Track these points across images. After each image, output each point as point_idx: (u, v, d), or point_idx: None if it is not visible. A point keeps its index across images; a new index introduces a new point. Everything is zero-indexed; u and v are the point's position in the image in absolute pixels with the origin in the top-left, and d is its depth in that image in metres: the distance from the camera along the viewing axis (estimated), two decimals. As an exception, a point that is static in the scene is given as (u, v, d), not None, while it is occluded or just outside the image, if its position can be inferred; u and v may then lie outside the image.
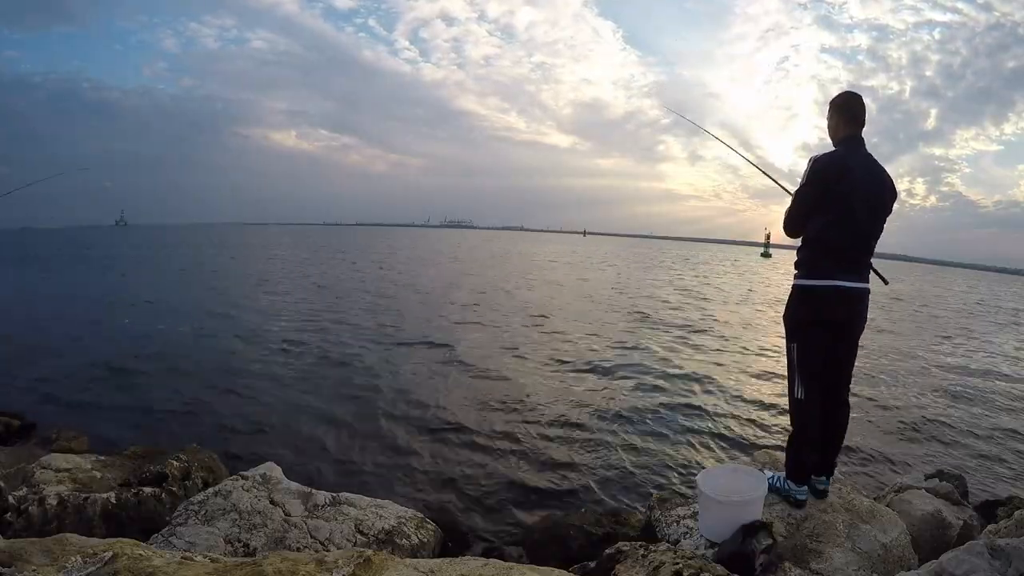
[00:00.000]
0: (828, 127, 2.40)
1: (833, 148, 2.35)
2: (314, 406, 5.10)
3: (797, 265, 2.34)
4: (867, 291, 2.30)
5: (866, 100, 2.35)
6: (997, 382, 7.56)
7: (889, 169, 2.33)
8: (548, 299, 14.00)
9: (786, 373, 2.39)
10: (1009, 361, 9.37)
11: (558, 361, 7.20)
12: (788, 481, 2.33)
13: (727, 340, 9.37)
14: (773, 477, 2.39)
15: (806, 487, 2.32)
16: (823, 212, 2.23)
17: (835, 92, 2.43)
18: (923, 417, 5.65)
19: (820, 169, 2.23)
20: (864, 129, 2.33)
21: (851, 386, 2.44)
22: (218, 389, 5.51)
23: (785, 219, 2.39)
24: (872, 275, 2.41)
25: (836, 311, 2.24)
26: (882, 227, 2.31)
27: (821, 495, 2.35)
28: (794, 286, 2.33)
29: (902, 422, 5.43)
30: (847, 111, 2.32)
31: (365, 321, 9.65)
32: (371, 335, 8.42)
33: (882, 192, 2.27)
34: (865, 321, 2.32)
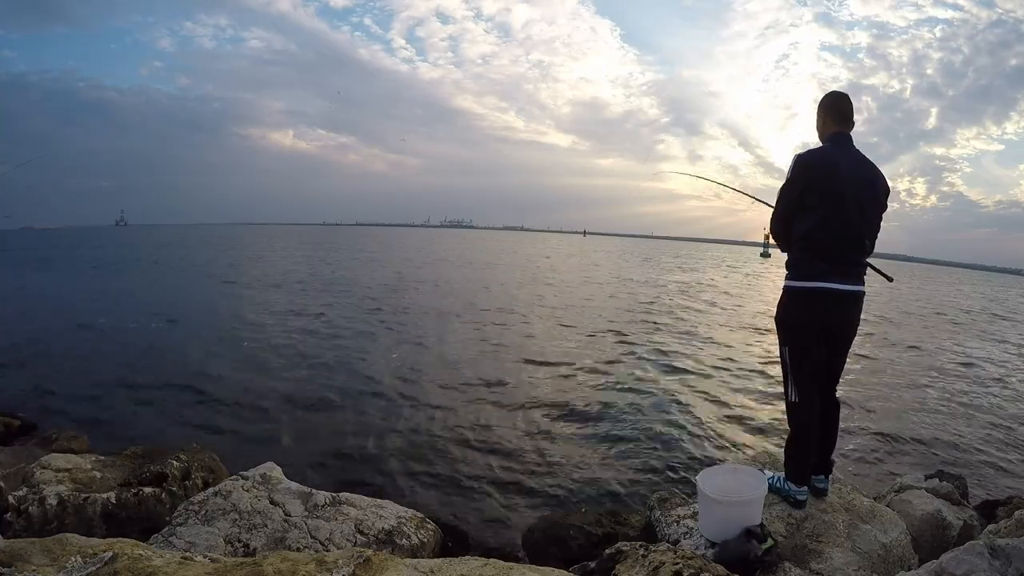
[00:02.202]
0: (816, 127, 2.36)
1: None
2: (314, 406, 5.10)
3: (787, 266, 2.29)
4: (861, 293, 2.23)
5: (867, 99, 2.36)
6: (997, 382, 7.56)
7: (889, 169, 2.32)
8: (556, 300, 13.99)
9: (781, 375, 2.37)
10: (1009, 361, 9.37)
11: (559, 362, 7.20)
12: (788, 482, 2.32)
13: (728, 339, 9.37)
14: (773, 478, 2.38)
15: (806, 487, 2.32)
16: (811, 211, 2.17)
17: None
18: (923, 417, 5.65)
19: (803, 164, 2.18)
20: (862, 128, 2.31)
21: (853, 386, 2.44)
22: (218, 389, 5.50)
23: (772, 220, 2.34)
24: (874, 274, 2.38)
25: (827, 314, 2.19)
26: (877, 225, 2.26)
27: (821, 494, 2.35)
28: (784, 288, 2.29)
29: (902, 422, 5.42)
30: (834, 109, 2.29)
31: (369, 321, 9.65)
32: (372, 335, 8.42)
33: (874, 189, 2.22)
34: (858, 323, 2.28)
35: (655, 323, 10.79)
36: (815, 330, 2.22)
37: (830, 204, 2.14)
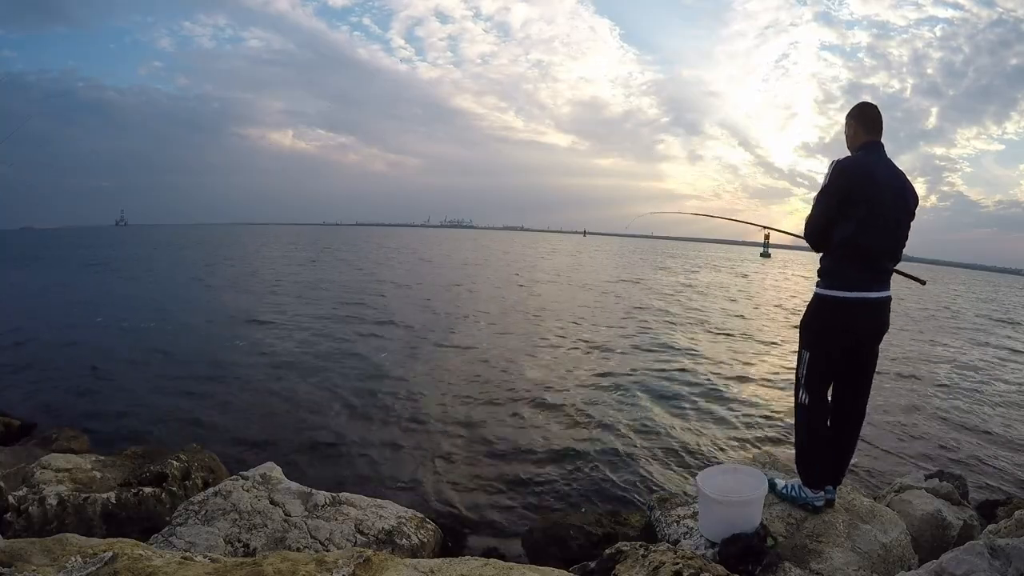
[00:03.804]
0: (846, 137, 2.36)
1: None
2: (314, 406, 5.10)
3: (821, 273, 2.26)
4: (890, 299, 2.24)
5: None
6: (997, 382, 7.56)
7: (907, 177, 2.29)
8: (559, 300, 14.00)
9: (793, 378, 2.34)
10: (1008, 361, 9.38)
11: (557, 363, 7.20)
12: (804, 488, 2.30)
13: (730, 340, 9.37)
14: (787, 487, 2.36)
15: (823, 492, 2.29)
16: (847, 217, 2.15)
17: (835, 91, 2.42)
18: (923, 417, 5.65)
19: (841, 171, 2.16)
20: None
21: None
22: (218, 389, 5.50)
23: (807, 226, 2.30)
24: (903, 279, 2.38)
25: (862, 323, 2.19)
26: (907, 232, 2.25)
27: (828, 504, 2.32)
28: (817, 295, 2.25)
29: (902, 422, 5.42)
30: (864, 118, 2.29)
31: (371, 322, 9.65)
32: (371, 335, 8.42)
33: (906, 197, 2.22)
34: (888, 328, 2.26)
35: (654, 324, 10.78)
36: (845, 338, 2.20)
37: (868, 212, 2.13)
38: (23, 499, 2.45)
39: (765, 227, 3.52)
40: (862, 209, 2.13)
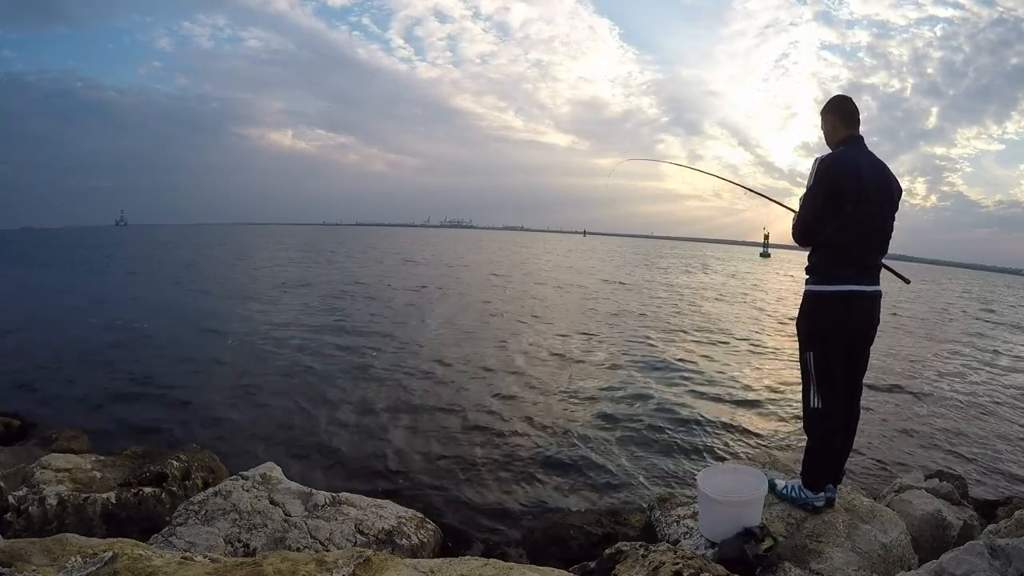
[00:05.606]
0: (824, 133, 2.35)
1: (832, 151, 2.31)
2: (314, 406, 5.10)
3: (809, 271, 2.26)
4: (880, 293, 2.24)
5: (867, 98, 2.34)
6: (997, 384, 7.56)
7: (890, 168, 2.30)
8: (554, 300, 14.00)
9: (800, 381, 2.33)
10: (1008, 362, 9.38)
11: (556, 363, 7.20)
12: (805, 489, 2.29)
13: (730, 340, 9.37)
14: (787, 487, 2.36)
15: (823, 493, 2.29)
16: (834, 214, 2.15)
17: (836, 90, 2.41)
18: (923, 417, 5.65)
19: (826, 169, 2.16)
20: (863, 128, 2.30)
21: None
22: (218, 389, 5.50)
23: (795, 225, 2.30)
24: (890, 275, 2.38)
25: (854, 317, 2.18)
26: (893, 225, 2.25)
27: (829, 503, 2.32)
28: (808, 293, 2.25)
29: (902, 422, 5.42)
30: (842, 112, 2.29)
31: (368, 321, 9.65)
32: (371, 335, 8.42)
33: (890, 189, 2.23)
34: (878, 323, 2.26)
35: (653, 325, 10.79)
36: (841, 334, 2.19)
37: (855, 207, 2.13)
38: (23, 499, 2.45)
39: (749, 189, 3.45)
40: (849, 205, 2.13)
